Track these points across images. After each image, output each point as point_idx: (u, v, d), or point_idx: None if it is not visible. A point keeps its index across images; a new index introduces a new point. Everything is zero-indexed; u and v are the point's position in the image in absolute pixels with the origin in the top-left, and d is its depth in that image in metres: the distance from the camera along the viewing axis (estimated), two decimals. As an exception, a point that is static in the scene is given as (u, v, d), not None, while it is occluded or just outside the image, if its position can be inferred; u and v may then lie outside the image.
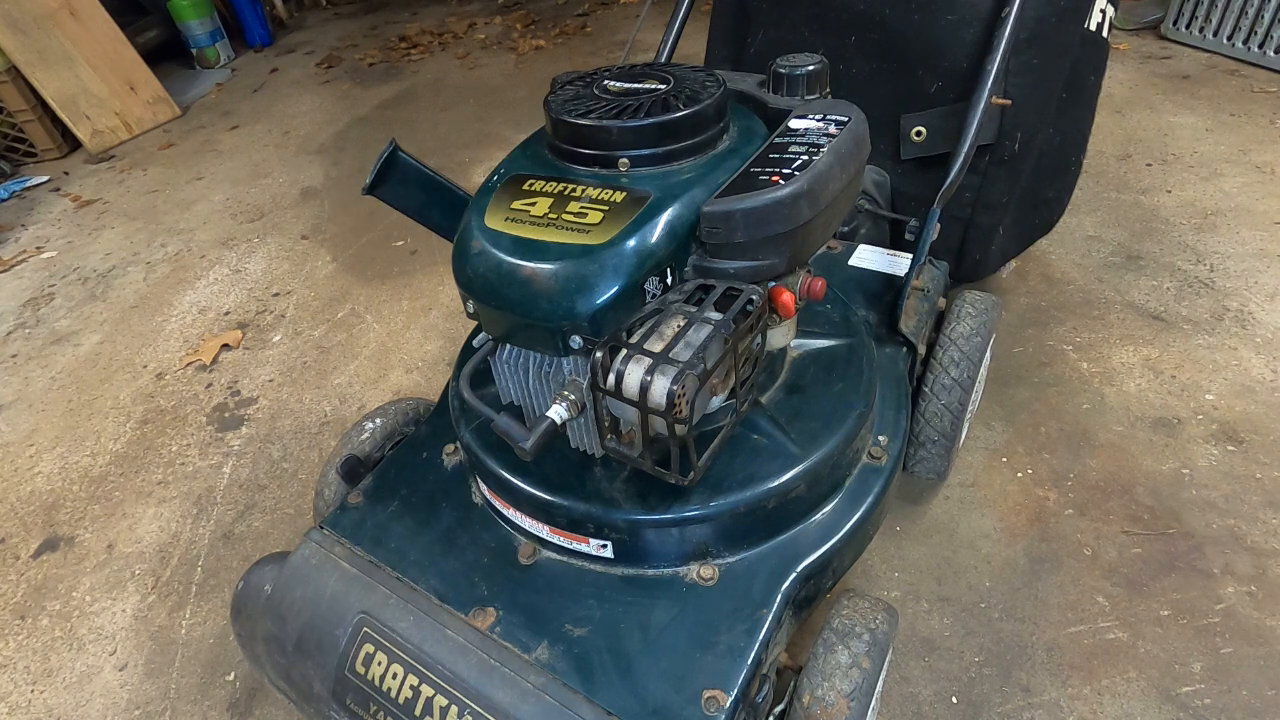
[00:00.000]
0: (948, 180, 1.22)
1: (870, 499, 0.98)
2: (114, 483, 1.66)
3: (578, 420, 0.85)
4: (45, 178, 3.14)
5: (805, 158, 0.79)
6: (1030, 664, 1.14)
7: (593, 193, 0.81)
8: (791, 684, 0.87)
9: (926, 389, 1.20)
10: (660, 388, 0.70)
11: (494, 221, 0.82)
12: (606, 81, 0.90)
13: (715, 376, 0.76)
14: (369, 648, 0.90)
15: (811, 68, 0.92)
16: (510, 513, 0.98)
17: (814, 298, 0.90)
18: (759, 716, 0.84)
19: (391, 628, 0.90)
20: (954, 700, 1.11)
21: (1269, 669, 1.11)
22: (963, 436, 1.33)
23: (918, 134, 1.38)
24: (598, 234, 0.76)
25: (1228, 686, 1.09)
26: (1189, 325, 1.71)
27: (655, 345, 0.73)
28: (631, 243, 0.76)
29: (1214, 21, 2.85)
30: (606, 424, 0.78)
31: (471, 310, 0.85)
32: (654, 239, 0.77)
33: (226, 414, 1.81)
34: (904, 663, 1.16)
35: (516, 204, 0.83)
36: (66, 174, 3.17)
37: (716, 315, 0.75)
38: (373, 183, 0.98)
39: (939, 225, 1.23)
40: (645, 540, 0.90)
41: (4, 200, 2.99)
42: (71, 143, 3.33)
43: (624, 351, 0.73)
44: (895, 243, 1.46)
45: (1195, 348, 1.65)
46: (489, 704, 0.82)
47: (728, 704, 0.78)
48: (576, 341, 0.77)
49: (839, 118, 0.86)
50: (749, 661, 0.82)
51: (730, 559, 0.92)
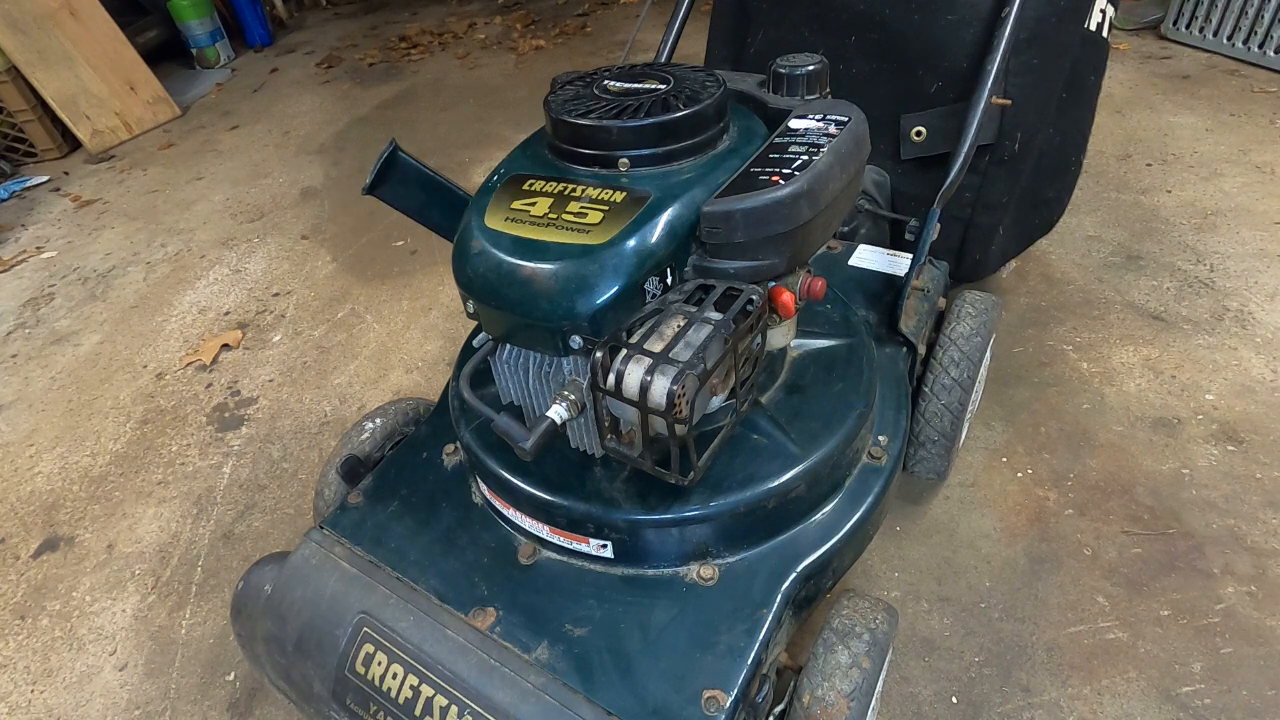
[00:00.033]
0: (948, 180, 1.22)
1: (870, 499, 0.98)
2: (114, 483, 1.66)
3: (578, 420, 0.85)
4: (45, 178, 3.14)
5: (805, 158, 0.79)
6: (1030, 664, 1.14)
7: (593, 193, 0.81)
8: (791, 684, 0.87)
9: (926, 389, 1.20)
10: (660, 388, 0.70)
11: (494, 221, 0.82)
12: (606, 81, 0.90)
13: (715, 376, 0.76)
14: (369, 648, 0.90)
15: (811, 68, 0.92)
16: (510, 513, 0.98)
17: (814, 298, 0.90)
18: (759, 716, 0.84)
19: (391, 628, 0.90)
20: (954, 700, 1.11)
21: (1269, 669, 1.11)
22: (963, 436, 1.33)
23: (918, 134, 1.38)
24: (598, 234, 0.76)
25: (1228, 686, 1.09)
26: (1189, 325, 1.71)
27: (655, 345, 0.73)
28: (631, 243, 0.76)
29: (1214, 21, 2.85)
30: (606, 424, 0.78)
31: (471, 310, 0.85)
32: (654, 239, 0.77)
33: (226, 414, 1.81)
34: (904, 663, 1.16)
35: (516, 204, 0.83)
36: (66, 174, 3.17)
37: (716, 315, 0.75)
38: (373, 183, 0.98)
39: (939, 225, 1.23)
40: (645, 540, 0.90)
41: (4, 200, 2.99)
42: (71, 143, 3.33)
43: (624, 351, 0.73)
44: (895, 243, 1.46)
45: (1195, 348, 1.65)
46: (489, 704, 0.82)
47: (728, 704, 0.78)
48: (576, 341, 0.78)
49: (839, 118, 0.86)
50: (749, 661, 0.82)
51: (730, 559, 0.92)
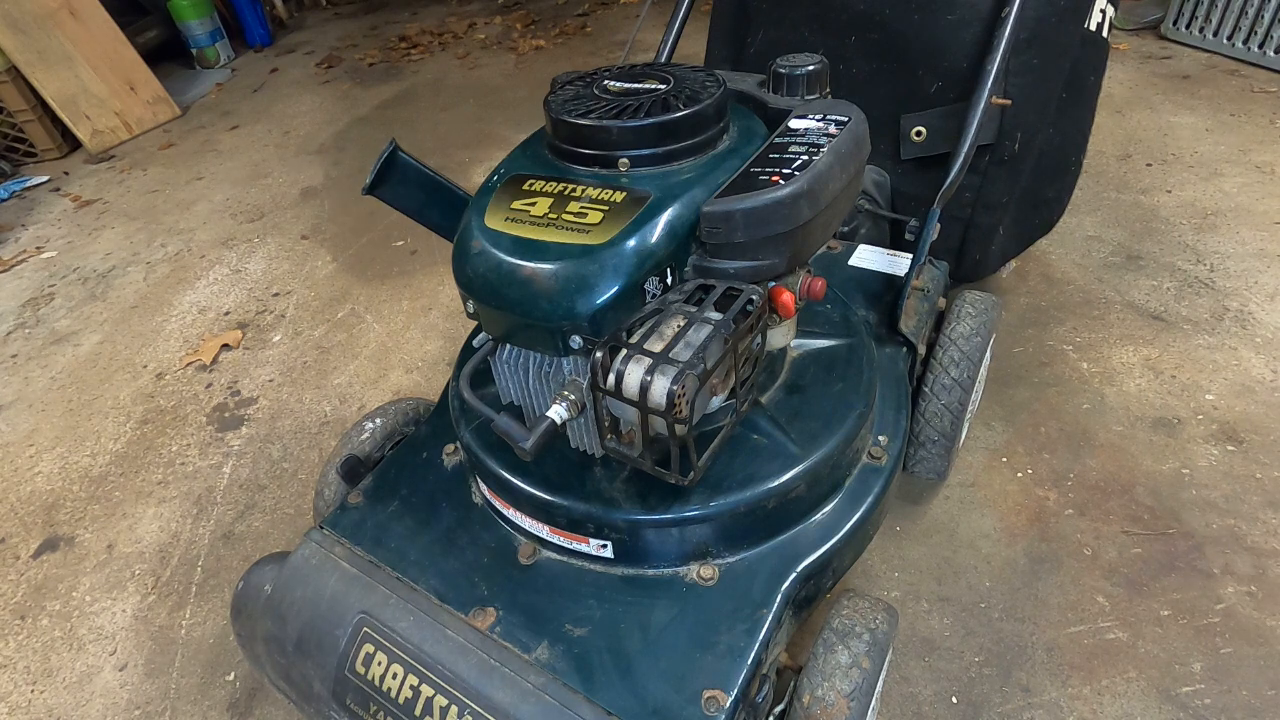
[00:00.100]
0: (948, 180, 1.22)
1: (870, 499, 0.98)
2: (114, 483, 1.66)
3: (578, 420, 0.85)
4: (45, 178, 3.14)
5: (805, 158, 0.79)
6: (1030, 664, 1.14)
7: (593, 193, 0.81)
8: (791, 684, 0.87)
9: (926, 389, 1.20)
10: (660, 388, 0.70)
11: (494, 221, 0.82)
12: (606, 81, 0.90)
13: (715, 376, 0.76)
14: (369, 648, 0.90)
15: (811, 68, 0.92)
16: (510, 513, 0.98)
17: (814, 298, 0.90)
18: (759, 716, 0.84)
19: (391, 628, 0.90)
20: (954, 700, 1.11)
21: (1269, 669, 1.11)
22: (963, 436, 1.33)
23: (918, 134, 1.38)
24: (598, 234, 0.76)
25: (1228, 686, 1.09)
26: (1189, 325, 1.71)
27: (655, 345, 0.73)
28: (631, 243, 0.76)
29: (1214, 21, 2.85)
30: (606, 424, 0.78)
31: (471, 310, 0.85)
32: (654, 239, 0.77)
33: (226, 414, 1.81)
34: (904, 663, 1.16)
35: (516, 204, 0.83)
36: (66, 174, 3.17)
37: (716, 315, 0.75)
38: (373, 183, 0.98)
39: (939, 225, 1.23)
40: (645, 540, 0.90)
41: (4, 200, 2.99)
42: (71, 143, 3.33)
43: (624, 351, 0.73)
44: (895, 243, 1.46)
45: (1195, 348, 1.65)
46: (489, 704, 0.82)
47: (728, 704, 0.78)
48: (576, 341, 0.77)
49: (839, 118, 0.86)
50: (749, 661, 0.82)
51: (730, 559, 0.92)
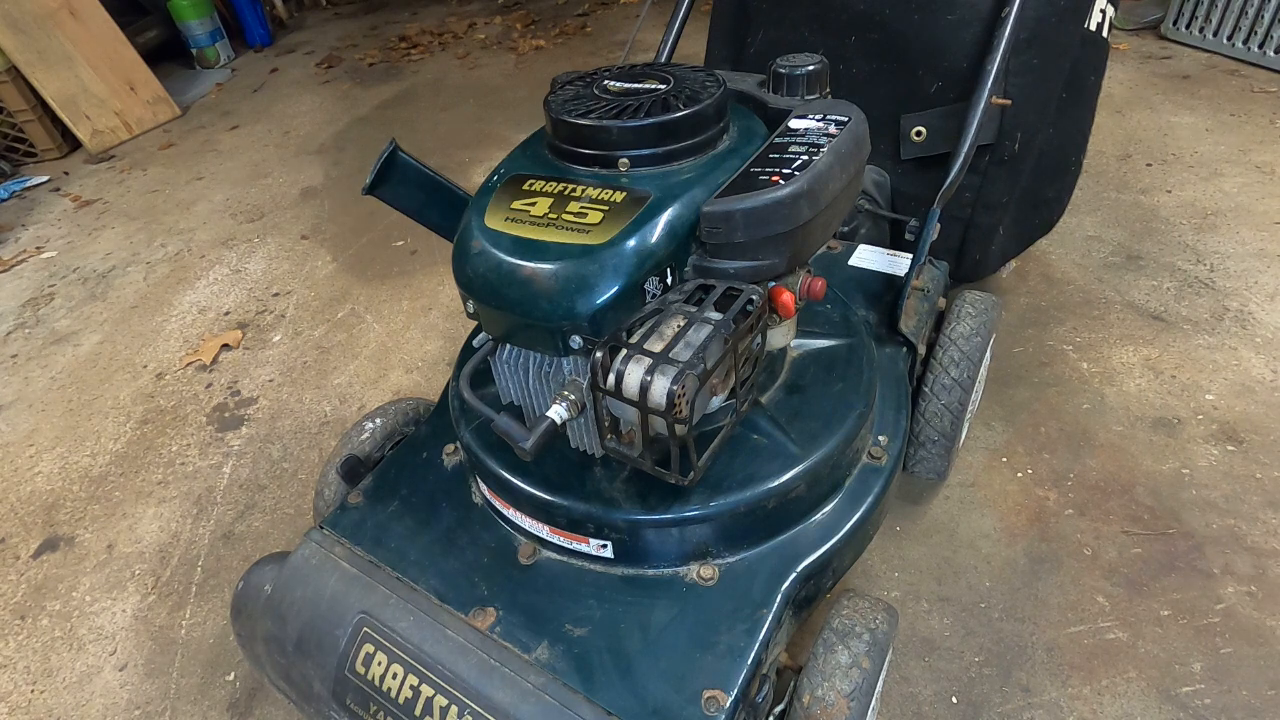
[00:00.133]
0: (948, 180, 1.22)
1: (870, 499, 0.98)
2: (114, 483, 1.66)
3: (578, 420, 0.85)
4: (45, 178, 3.14)
5: (805, 158, 0.79)
6: (1030, 664, 1.14)
7: (593, 193, 0.81)
8: (791, 684, 0.87)
9: (926, 389, 1.20)
10: (660, 388, 0.70)
11: (494, 221, 0.82)
12: (606, 81, 0.90)
13: (715, 376, 0.76)
14: (369, 648, 0.90)
15: (811, 68, 0.92)
16: (510, 513, 0.98)
17: (814, 298, 0.90)
18: (759, 716, 0.84)
19: (391, 628, 0.90)
20: (954, 700, 1.11)
21: (1269, 669, 1.11)
22: (963, 436, 1.33)
23: (918, 134, 1.38)
24: (598, 234, 0.76)
25: (1228, 686, 1.09)
26: (1189, 325, 1.71)
27: (655, 345, 0.73)
28: (631, 243, 0.76)
29: (1214, 21, 2.85)
30: (606, 424, 0.78)
31: (471, 310, 0.85)
32: (654, 239, 0.77)
33: (226, 414, 1.81)
34: (904, 663, 1.16)
35: (516, 204, 0.83)
36: (66, 174, 3.17)
37: (716, 315, 0.75)
38: (373, 183, 0.98)
39: (939, 225, 1.23)
40: (645, 540, 0.90)
41: (4, 200, 2.99)
42: (71, 143, 3.33)
43: (624, 351, 0.73)
44: (895, 243, 1.46)
45: (1195, 348, 1.65)
46: (489, 704, 0.82)
47: (728, 704, 0.78)
48: (576, 341, 0.77)
49: (839, 118, 0.86)
50: (749, 661, 0.82)
51: (730, 559, 0.92)
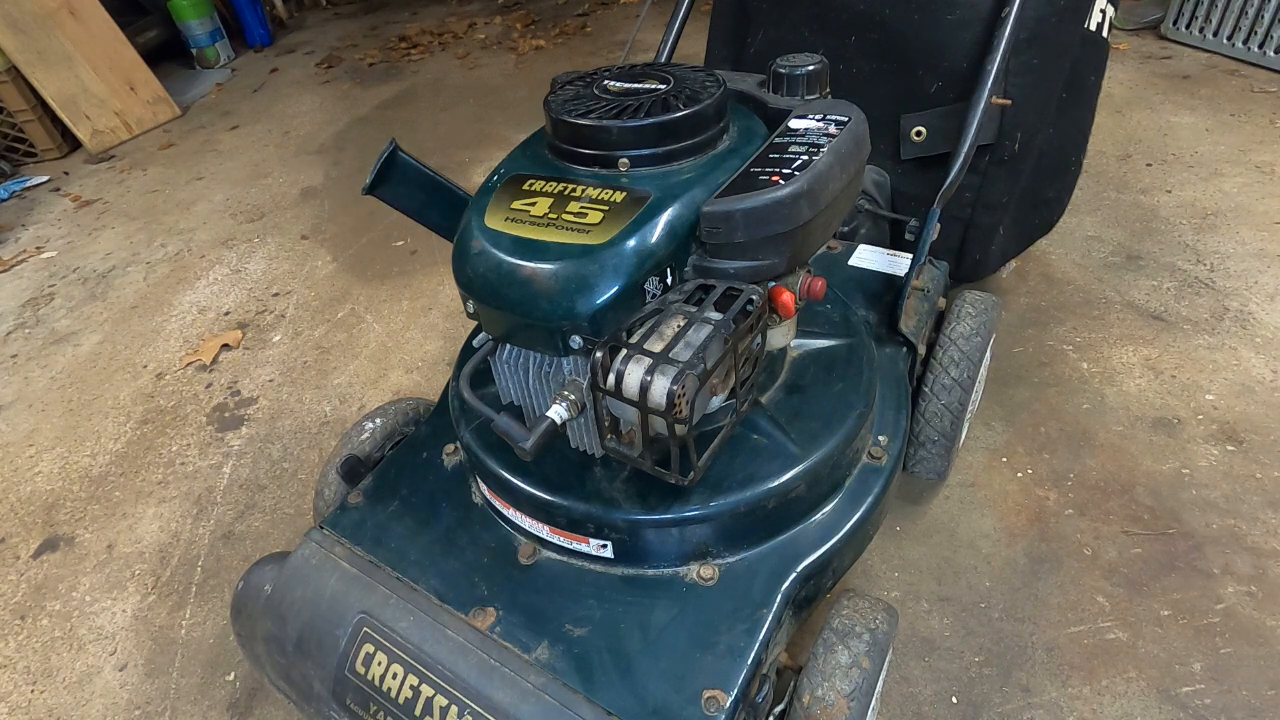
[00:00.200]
0: (948, 180, 1.22)
1: (870, 499, 0.98)
2: (114, 483, 1.66)
3: (578, 420, 0.85)
4: (45, 178, 3.14)
5: (805, 158, 0.79)
6: (1030, 664, 1.14)
7: (593, 193, 0.81)
8: (791, 684, 0.87)
9: (926, 389, 1.20)
10: (660, 388, 0.70)
11: (494, 221, 0.82)
12: (606, 81, 0.90)
13: (715, 376, 0.76)
14: (369, 648, 0.90)
15: (811, 68, 0.92)
16: (510, 513, 0.98)
17: (814, 298, 0.90)
18: (759, 716, 0.84)
19: (391, 628, 0.90)
20: (954, 700, 1.11)
21: (1269, 669, 1.11)
22: (963, 436, 1.33)
23: (918, 134, 1.38)
24: (598, 234, 0.76)
25: (1228, 686, 1.09)
26: (1189, 325, 1.71)
27: (655, 345, 0.73)
28: (631, 243, 0.76)
29: (1214, 21, 2.85)
30: (606, 424, 0.78)
31: (471, 310, 0.85)
32: (654, 239, 0.77)
33: (226, 414, 1.81)
34: (904, 663, 1.16)
35: (516, 204, 0.83)
36: (66, 174, 3.17)
37: (716, 315, 0.75)
38: (373, 183, 0.98)
39: (939, 225, 1.23)
40: (645, 540, 0.90)
41: (4, 200, 2.99)
42: (71, 143, 3.33)
43: (624, 351, 0.73)
44: (895, 243, 1.46)
45: (1195, 348, 1.65)
46: (489, 704, 0.82)
47: (728, 704, 0.78)
48: (576, 341, 0.77)
49: (839, 118, 0.86)
50: (749, 661, 0.82)
51: (730, 559, 0.92)
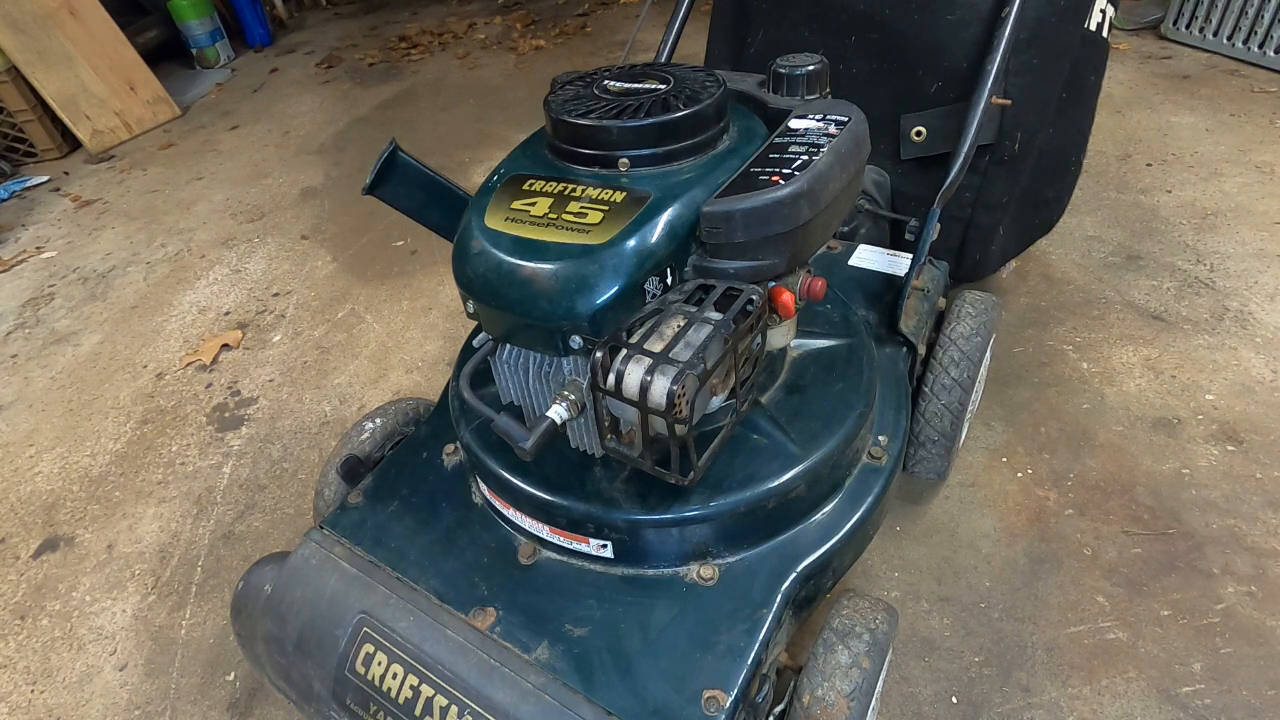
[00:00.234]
0: (948, 180, 1.22)
1: (870, 499, 0.98)
2: (114, 483, 1.66)
3: (578, 420, 0.85)
4: (45, 178, 3.14)
5: (805, 158, 0.79)
6: (1030, 664, 1.14)
7: (593, 193, 0.81)
8: (791, 684, 0.87)
9: (926, 389, 1.20)
10: (660, 388, 0.70)
11: (494, 221, 0.82)
12: (606, 81, 0.90)
13: (715, 376, 0.76)
14: (369, 648, 0.90)
15: (811, 68, 0.92)
16: (510, 513, 0.98)
17: (814, 298, 0.90)
18: (759, 716, 0.84)
19: (391, 628, 0.90)
20: (954, 700, 1.11)
21: (1269, 669, 1.11)
22: (963, 436, 1.33)
23: (918, 134, 1.38)
24: (598, 234, 0.76)
25: (1228, 686, 1.09)
26: (1189, 325, 1.71)
27: (655, 345, 0.73)
28: (631, 243, 0.76)
29: (1214, 21, 2.85)
30: (606, 424, 0.78)
31: (471, 310, 0.85)
32: (654, 239, 0.77)
33: (226, 414, 1.81)
34: (904, 663, 1.16)
35: (516, 204, 0.83)
36: (66, 174, 3.17)
37: (716, 315, 0.75)
38: (373, 183, 0.98)
39: (939, 225, 1.23)
40: (645, 540, 0.90)
41: (4, 200, 2.99)
42: (71, 143, 3.33)
43: (624, 351, 0.73)
44: (895, 243, 1.46)
45: (1195, 348, 1.65)
46: (489, 704, 0.82)
47: (728, 704, 0.78)
48: (576, 341, 0.78)
49: (839, 118, 0.86)
50: (749, 661, 0.82)
51: (730, 559, 0.92)
